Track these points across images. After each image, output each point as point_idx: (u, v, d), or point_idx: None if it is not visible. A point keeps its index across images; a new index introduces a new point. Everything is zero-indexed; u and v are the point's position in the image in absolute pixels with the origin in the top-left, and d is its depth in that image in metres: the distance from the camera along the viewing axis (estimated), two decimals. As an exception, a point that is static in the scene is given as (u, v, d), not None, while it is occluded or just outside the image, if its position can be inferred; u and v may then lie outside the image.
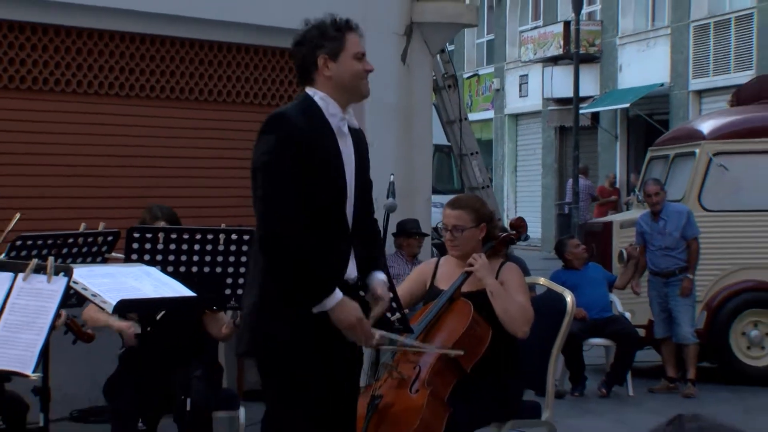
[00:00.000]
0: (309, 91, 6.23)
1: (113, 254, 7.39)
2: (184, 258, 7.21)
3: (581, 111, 34.78)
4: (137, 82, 12.33)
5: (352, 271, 6.28)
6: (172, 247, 7.29)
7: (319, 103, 6.15)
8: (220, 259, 7.20)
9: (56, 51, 11.67)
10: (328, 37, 6.20)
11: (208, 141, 12.82)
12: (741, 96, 17.52)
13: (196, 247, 7.17)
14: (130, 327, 7.56)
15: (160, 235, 7.35)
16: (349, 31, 6.28)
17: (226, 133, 12.92)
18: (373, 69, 6.30)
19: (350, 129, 6.28)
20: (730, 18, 33.97)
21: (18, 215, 7.68)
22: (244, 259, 7.24)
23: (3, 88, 11.39)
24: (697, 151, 15.79)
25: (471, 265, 7.67)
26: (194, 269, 7.04)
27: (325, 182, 6.07)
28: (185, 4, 12.15)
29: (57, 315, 5.79)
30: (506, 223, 16.25)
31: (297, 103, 6.34)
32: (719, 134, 16.00)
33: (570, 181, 34.62)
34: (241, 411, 8.16)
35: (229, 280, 7.21)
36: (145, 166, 11.95)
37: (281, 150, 6.01)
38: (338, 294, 5.97)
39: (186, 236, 7.17)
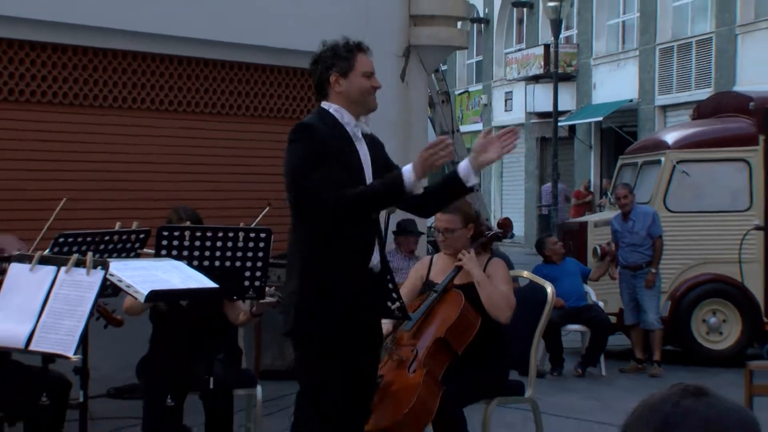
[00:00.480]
0: (324, 104, 6.31)
1: (145, 250, 7.39)
2: (207, 253, 7.21)
3: (560, 124, 34.72)
4: (166, 98, 12.35)
5: (376, 259, 6.35)
6: (197, 243, 7.29)
7: (334, 114, 6.23)
8: (239, 254, 7.18)
9: (104, 71, 11.73)
10: (340, 57, 6.27)
11: (227, 150, 12.83)
12: (701, 110, 17.58)
13: (218, 243, 7.17)
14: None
15: (186, 234, 7.35)
16: (359, 52, 6.34)
17: (243, 143, 12.94)
18: (380, 86, 6.38)
19: (364, 134, 6.37)
20: (691, 41, 33.92)
21: (65, 199, 7.70)
22: (260, 254, 7.24)
23: (48, 103, 11.42)
24: (663, 159, 15.84)
25: (461, 260, 7.71)
26: (216, 263, 7.04)
27: (346, 175, 6.15)
28: (214, 29, 12.19)
29: (95, 304, 5.81)
30: (494, 223, 16.28)
31: (315, 115, 6.44)
32: (682, 144, 16.05)
33: (546, 185, 34.56)
34: (258, 389, 8.15)
35: (246, 273, 7.20)
36: (172, 172, 11.97)
37: (308, 152, 6.10)
38: (404, 173, 6.08)
39: (209, 234, 7.17)
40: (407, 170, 6.09)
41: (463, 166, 6.18)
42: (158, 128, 12.26)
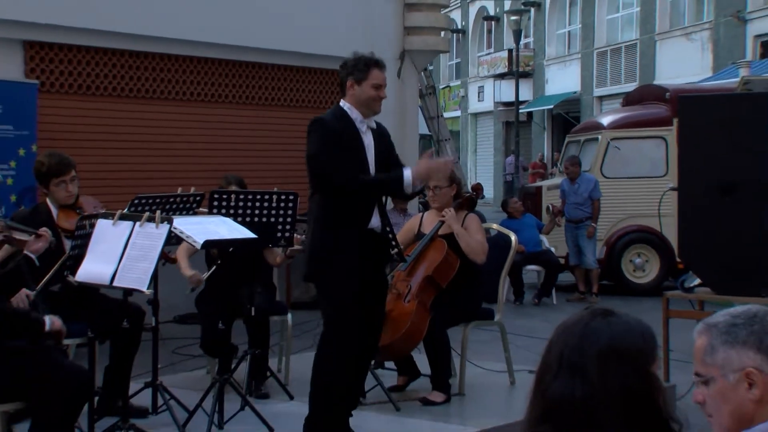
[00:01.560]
0: (342, 102, 6.38)
1: (200, 209, 7.38)
2: (248, 211, 7.20)
3: (520, 111, 34.63)
4: (216, 92, 12.35)
5: (376, 222, 6.36)
6: (240, 204, 7.28)
7: (347, 111, 6.30)
8: (273, 212, 7.17)
9: (182, 72, 11.77)
10: (359, 68, 6.35)
11: (264, 133, 12.80)
12: (629, 99, 17.66)
13: (257, 204, 7.16)
14: (194, 275, 7.54)
15: (233, 196, 7.33)
16: (375, 67, 6.40)
17: (272, 127, 12.89)
18: (385, 97, 6.44)
19: (371, 129, 6.41)
20: (621, 46, 33.90)
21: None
22: (289, 212, 7.24)
23: (134, 98, 11.48)
24: (600, 137, 15.98)
25: (443, 215, 7.71)
26: (255, 219, 7.03)
27: (352, 158, 6.17)
28: (247, 37, 12.15)
29: (163, 250, 5.80)
30: (469, 188, 16.28)
31: (332, 110, 6.51)
32: (614, 125, 16.15)
33: (509, 158, 34.45)
34: (289, 316, 8.13)
35: (279, 227, 7.19)
36: (223, 149, 11.92)
37: (322, 141, 6.13)
38: (404, 172, 6.21)
39: (250, 197, 7.17)
40: (407, 175, 6.18)
41: (407, 176, 6.22)
42: (212, 116, 12.26)
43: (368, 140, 6.39)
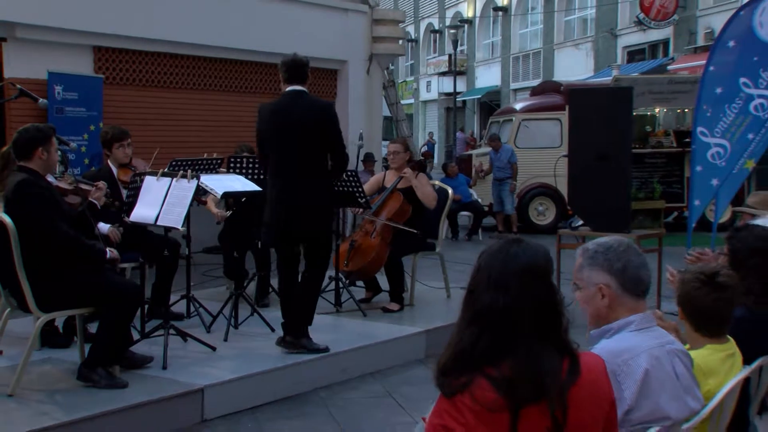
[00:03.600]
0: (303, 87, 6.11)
1: (221, 169, 7.36)
2: (256, 171, 7.19)
3: (457, 99, 34.56)
4: (230, 84, 12.24)
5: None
6: (251, 166, 7.27)
7: None
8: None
9: (202, 67, 11.62)
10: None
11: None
12: (534, 91, 17.58)
13: (257, 165, 7.14)
14: (219, 213, 7.52)
15: (244, 160, 7.32)
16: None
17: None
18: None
19: None
20: (530, 53, 33.85)
21: (158, 149, 7.64)
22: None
23: (172, 88, 11.38)
24: (513, 119, 15.94)
25: (404, 173, 7.71)
26: (262, 177, 7.01)
27: None
28: (250, 41, 12.04)
29: (193, 198, 5.80)
30: (420, 155, 16.34)
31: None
32: (524, 110, 16.12)
33: (459, 133, 34.21)
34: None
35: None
36: (237, 126, 11.76)
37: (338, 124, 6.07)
38: None
39: (257, 160, 7.14)
40: None
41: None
42: (229, 101, 12.12)
43: None
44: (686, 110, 15.89)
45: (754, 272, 3.58)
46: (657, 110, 16.43)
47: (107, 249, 5.32)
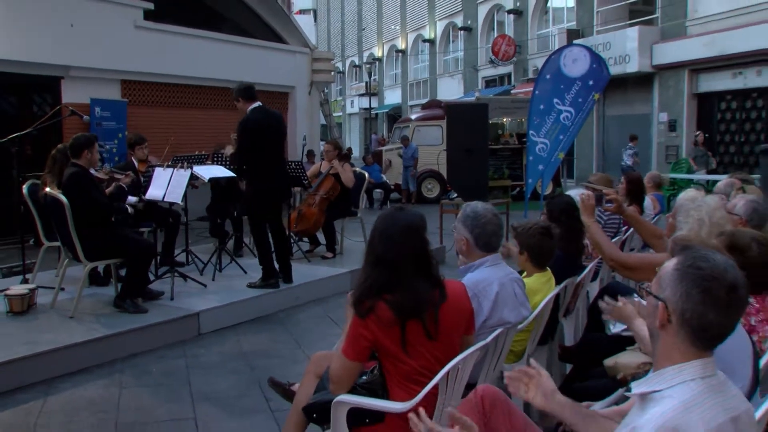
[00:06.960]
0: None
1: (207, 161, 7.23)
2: (227, 164, 7.08)
3: (372, 112, 34.42)
4: (220, 102, 11.95)
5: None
6: (227, 159, 7.16)
7: None
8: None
9: (196, 93, 11.27)
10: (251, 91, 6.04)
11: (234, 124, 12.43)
12: (424, 107, 17.54)
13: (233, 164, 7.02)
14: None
15: (223, 154, 7.20)
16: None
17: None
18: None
19: None
20: (421, 81, 33.80)
21: (172, 138, 7.48)
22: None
23: (176, 107, 11.01)
24: (410, 125, 15.88)
25: (333, 163, 7.65)
26: (231, 168, 6.87)
27: None
28: (221, 72, 11.76)
29: (188, 182, 5.71)
30: (345, 149, 16.26)
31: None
32: (417, 119, 16.06)
33: (374, 135, 34.04)
34: (245, 218, 8.00)
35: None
36: (218, 132, 11.49)
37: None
38: None
39: (229, 157, 7.02)
40: None
41: None
42: (211, 116, 11.81)
43: None
44: (523, 120, 16.23)
45: (562, 225, 3.73)
46: (504, 120, 16.73)
47: (127, 206, 5.61)
